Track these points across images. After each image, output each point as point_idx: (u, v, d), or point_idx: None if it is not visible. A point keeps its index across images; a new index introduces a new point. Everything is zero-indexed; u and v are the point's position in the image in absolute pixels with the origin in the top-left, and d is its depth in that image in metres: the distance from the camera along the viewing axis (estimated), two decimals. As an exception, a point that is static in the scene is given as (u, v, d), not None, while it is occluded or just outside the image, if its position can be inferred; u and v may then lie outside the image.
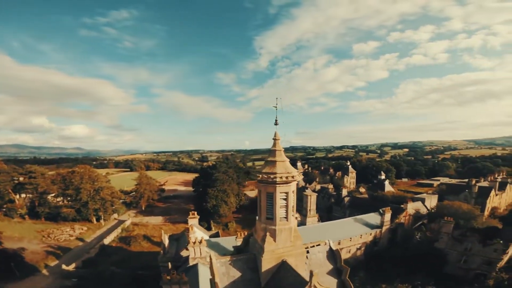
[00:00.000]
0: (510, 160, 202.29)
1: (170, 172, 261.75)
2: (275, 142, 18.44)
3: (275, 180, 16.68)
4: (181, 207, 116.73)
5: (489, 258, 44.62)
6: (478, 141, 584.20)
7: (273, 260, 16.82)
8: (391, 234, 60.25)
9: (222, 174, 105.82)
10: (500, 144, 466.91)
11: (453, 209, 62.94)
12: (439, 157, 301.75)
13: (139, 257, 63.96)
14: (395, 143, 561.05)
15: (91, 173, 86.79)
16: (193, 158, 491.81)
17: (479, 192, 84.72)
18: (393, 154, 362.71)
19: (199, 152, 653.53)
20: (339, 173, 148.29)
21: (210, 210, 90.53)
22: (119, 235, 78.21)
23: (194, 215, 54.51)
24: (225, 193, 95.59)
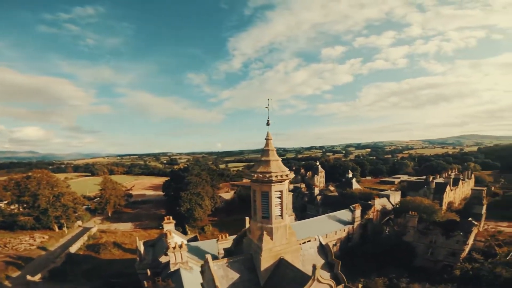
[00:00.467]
0: (460, 158, 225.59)
1: (136, 176, 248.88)
2: (267, 142, 18.58)
3: (270, 179, 16.76)
4: (151, 212, 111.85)
5: (453, 250, 49.29)
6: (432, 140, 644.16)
7: (271, 259, 16.85)
8: (362, 229, 63.65)
9: (195, 177, 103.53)
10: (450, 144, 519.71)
11: (416, 204, 68.38)
12: (398, 156, 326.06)
13: (111, 265, 60.53)
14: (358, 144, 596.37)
15: (49, 178, 79.43)
16: (161, 161, 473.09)
17: (436, 188, 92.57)
18: (357, 154, 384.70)
19: (167, 155, 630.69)
20: (309, 173, 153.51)
21: (184, 214, 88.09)
22: (86, 243, 73.21)
23: (170, 220, 52.63)
24: (199, 196, 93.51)
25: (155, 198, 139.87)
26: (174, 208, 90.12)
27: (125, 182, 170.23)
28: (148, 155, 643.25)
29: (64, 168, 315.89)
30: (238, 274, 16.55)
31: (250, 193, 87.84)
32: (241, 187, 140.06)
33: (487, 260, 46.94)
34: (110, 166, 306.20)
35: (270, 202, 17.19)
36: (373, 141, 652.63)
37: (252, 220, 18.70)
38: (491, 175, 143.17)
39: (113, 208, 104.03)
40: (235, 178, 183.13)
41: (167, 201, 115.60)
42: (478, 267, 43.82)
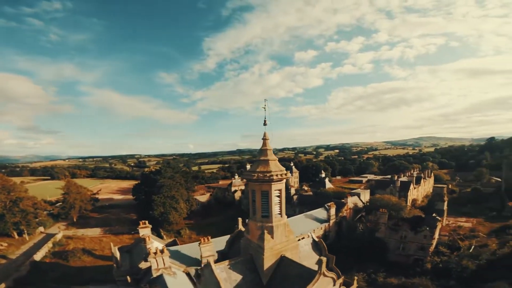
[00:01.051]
0: (419, 158, 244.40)
1: (102, 180, 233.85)
2: (265, 142, 18.76)
3: (271, 178, 16.96)
4: (121, 217, 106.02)
5: (422, 244, 53.25)
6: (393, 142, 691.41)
7: (273, 257, 17.01)
8: (337, 227, 66.36)
9: (169, 180, 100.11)
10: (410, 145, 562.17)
11: (384, 202, 72.87)
12: (363, 156, 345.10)
13: (83, 273, 56.77)
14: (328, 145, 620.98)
15: (5, 182, 71.92)
16: (128, 164, 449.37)
17: (401, 186, 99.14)
18: (326, 155, 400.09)
19: (135, 157, 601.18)
20: None
21: (158, 218, 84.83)
22: (51, 250, 67.98)
23: (146, 225, 50.51)
24: (173, 199, 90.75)
25: (124, 202, 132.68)
26: (146, 212, 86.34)
27: (90, 186, 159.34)
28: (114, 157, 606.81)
29: (20, 172, 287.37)
30: (241, 275, 16.49)
31: (226, 195, 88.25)
32: (217, 189, 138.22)
33: (453, 253, 51.56)
34: (71, 169, 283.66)
35: (270, 201, 17.35)
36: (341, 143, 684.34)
37: (251, 220, 18.71)
38: (447, 174, 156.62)
39: (78, 213, 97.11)
40: (210, 180, 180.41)
41: (138, 205, 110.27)
42: (446, 260, 47.99)
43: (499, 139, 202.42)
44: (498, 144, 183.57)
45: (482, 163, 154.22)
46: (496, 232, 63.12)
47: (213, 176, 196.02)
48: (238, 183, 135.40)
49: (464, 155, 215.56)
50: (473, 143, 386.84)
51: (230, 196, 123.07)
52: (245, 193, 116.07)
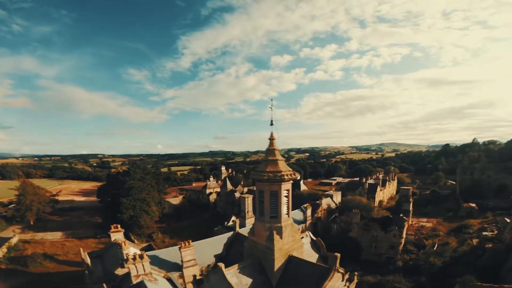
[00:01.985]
0: (382, 162, 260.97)
1: (61, 181, 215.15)
2: (272, 142, 18.77)
3: (282, 177, 16.99)
4: (84, 220, 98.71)
5: (392, 243, 56.78)
6: (358, 147, 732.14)
7: (282, 257, 16.95)
8: (313, 227, 68.30)
9: (139, 182, 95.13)
10: (374, 150, 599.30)
11: (356, 203, 76.58)
12: (332, 160, 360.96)
13: (46, 279, 52.21)
14: (298, 148, 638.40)
15: None
16: (90, 164, 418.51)
17: (369, 188, 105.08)
18: (297, 158, 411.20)
19: (98, 157, 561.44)
20: None
21: (128, 221, 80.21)
22: (6, 255, 61.78)
23: (118, 229, 47.66)
24: (144, 202, 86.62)
25: (87, 204, 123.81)
26: (113, 215, 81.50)
27: (48, 186, 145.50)
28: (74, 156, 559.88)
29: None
30: (251, 278, 16.18)
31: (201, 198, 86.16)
32: (191, 191, 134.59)
33: (419, 251, 55.73)
34: (26, 168, 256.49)
35: (279, 201, 17.32)
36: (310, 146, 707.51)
37: (258, 221, 18.43)
38: (408, 177, 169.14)
39: (36, 215, 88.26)
40: (183, 182, 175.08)
41: (103, 207, 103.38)
42: (415, 258, 51.69)
43: (453, 145, 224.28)
44: (453, 150, 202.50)
45: (438, 168, 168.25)
46: (454, 231, 68.98)
47: (186, 178, 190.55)
48: (213, 185, 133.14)
49: (421, 160, 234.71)
50: (429, 149, 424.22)
51: (204, 199, 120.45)
52: (221, 195, 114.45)
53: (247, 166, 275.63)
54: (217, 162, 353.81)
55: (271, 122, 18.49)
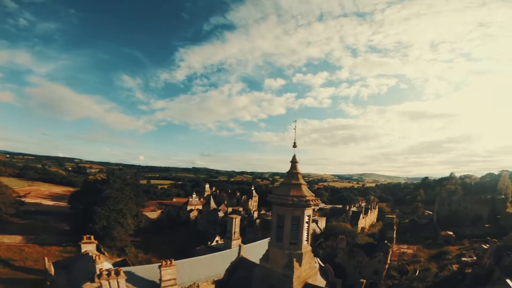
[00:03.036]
0: (363, 191, 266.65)
1: (31, 182, 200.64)
2: (295, 165, 18.44)
3: (308, 203, 16.40)
4: (49, 225, 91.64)
5: (376, 268, 55.88)
6: (341, 175, 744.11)
7: (299, 286, 15.84)
8: (297, 252, 66.20)
9: (117, 192, 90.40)
10: (355, 179, 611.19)
11: (341, 229, 76.08)
12: (315, 186, 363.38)
13: None
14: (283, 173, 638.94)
15: None
16: (65, 168, 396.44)
17: (352, 215, 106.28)
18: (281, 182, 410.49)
19: (74, 161, 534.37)
20: (244, 197, 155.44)
21: (99, 232, 74.86)
22: None
23: (91, 240, 44.37)
24: (120, 213, 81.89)
25: (55, 209, 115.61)
26: (85, 225, 76.08)
27: (16, 186, 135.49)
28: (49, 158, 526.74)
29: None
30: None
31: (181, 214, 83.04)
32: (170, 206, 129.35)
33: (402, 276, 55.18)
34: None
35: (301, 227, 16.63)
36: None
37: (274, 247, 17.27)
38: (388, 206, 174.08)
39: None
40: (163, 196, 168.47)
41: (73, 215, 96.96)
42: (398, 283, 50.92)
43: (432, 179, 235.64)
44: (431, 183, 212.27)
45: (417, 199, 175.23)
46: (434, 257, 70.02)
47: (167, 193, 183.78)
48: (196, 202, 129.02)
49: (400, 191, 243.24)
50: (407, 181, 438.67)
51: (184, 215, 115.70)
52: (203, 213, 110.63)
53: (231, 185, 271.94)
54: (200, 179, 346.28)
55: (294, 144, 18.20)
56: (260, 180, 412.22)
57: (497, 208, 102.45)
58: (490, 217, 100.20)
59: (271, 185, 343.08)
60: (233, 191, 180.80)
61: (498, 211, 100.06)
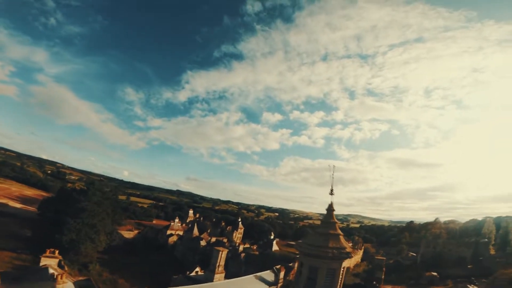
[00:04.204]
0: (348, 232, 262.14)
1: (3, 179, 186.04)
2: (331, 213, 16.89)
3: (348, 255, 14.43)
4: (9, 229, 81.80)
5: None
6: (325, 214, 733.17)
7: None
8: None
9: (94, 205, 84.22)
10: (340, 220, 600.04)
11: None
12: (300, 223, 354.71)
13: None
14: (269, 207, 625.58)
15: None
16: (44, 171, 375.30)
17: None
18: (267, 216, 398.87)
19: (56, 165, 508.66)
20: (229, 227, 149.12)
21: (65, 245, 68.06)
22: None
23: (55, 255, 39.51)
24: (93, 228, 75.70)
25: (21, 212, 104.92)
26: (51, 234, 70.51)
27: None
28: (31, 158, 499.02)
29: None
30: None
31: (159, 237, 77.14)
32: (149, 228, 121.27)
33: None
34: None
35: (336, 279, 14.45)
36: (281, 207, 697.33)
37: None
38: (373, 247, 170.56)
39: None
40: (143, 216, 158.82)
41: (40, 222, 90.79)
42: None
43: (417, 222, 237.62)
44: (415, 227, 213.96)
45: (402, 241, 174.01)
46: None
47: (147, 213, 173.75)
48: (177, 227, 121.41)
49: (384, 233, 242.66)
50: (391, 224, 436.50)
51: (163, 239, 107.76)
52: (184, 239, 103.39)
53: (215, 213, 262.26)
54: (183, 202, 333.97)
55: (331, 191, 16.44)
56: (246, 211, 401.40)
57: (480, 250, 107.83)
58: (473, 259, 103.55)
59: (256, 217, 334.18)
60: (218, 220, 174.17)
61: (481, 253, 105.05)
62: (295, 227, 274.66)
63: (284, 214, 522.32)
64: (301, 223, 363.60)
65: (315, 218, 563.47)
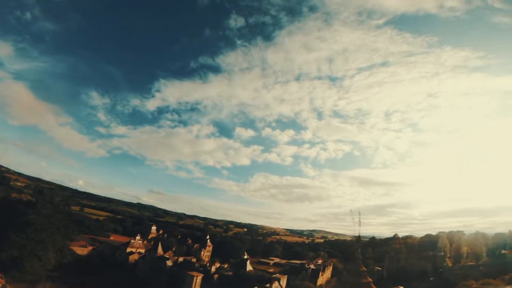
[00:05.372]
0: (313, 247, 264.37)
1: None
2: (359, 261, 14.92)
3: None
4: None
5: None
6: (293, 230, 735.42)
7: None
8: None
9: (44, 218, 74.24)
10: (305, 235, 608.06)
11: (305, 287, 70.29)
12: (268, 239, 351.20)
13: None
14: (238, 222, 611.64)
15: None
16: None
17: (312, 272, 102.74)
18: (236, 231, 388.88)
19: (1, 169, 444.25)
20: (197, 245, 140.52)
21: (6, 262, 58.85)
22: None
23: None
24: (41, 244, 67.33)
25: None
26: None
27: None
28: None
29: None
30: None
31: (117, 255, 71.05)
32: (105, 244, 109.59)
33: None
34: None
35: None
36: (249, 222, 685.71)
37: None
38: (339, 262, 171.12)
39: None
40: (98, 231, 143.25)
41: None
42: None
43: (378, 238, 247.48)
44: (377, 242, 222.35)
45: (366, 256, 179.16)
46: None
47: (103, 227, 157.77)
48: (138, 244, 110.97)
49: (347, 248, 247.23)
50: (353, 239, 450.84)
51: (121, 257, 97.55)
52: (147, 259, 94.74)
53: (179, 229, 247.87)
54: (144, 216, 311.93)
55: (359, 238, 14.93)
56: (213, 227, 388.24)
57: (438, 263, 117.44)
58: (434, 272, 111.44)
59: (224, 233, 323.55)
60: (184, 237, 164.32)
61: (439, 265, 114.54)
62: (264, 243, 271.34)
63: (253, 229, 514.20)
64: (269, 239, 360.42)
65: (282, 234, 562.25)
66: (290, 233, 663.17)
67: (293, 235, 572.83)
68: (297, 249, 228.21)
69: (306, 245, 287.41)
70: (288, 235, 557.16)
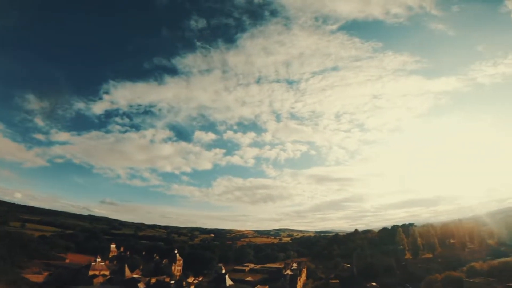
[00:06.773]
0: (282, 247, 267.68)
1: None
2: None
3: None
4: None
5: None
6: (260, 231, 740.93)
7: None
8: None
9: None
10: (272, 234, 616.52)
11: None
12: (238, 243, 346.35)
13: None
14: (204, 228, 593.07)
15: None
16: None
17: (290, 279, 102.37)
18: (202, 238, 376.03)
19: None
20: (165, 260, 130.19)
21: None
22: None
23: None
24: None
25: None
26: None
27: None
28: None
29: None
30: None
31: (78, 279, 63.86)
32: (62, 268, 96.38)
33: None
34: None
35: None
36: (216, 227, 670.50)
37: None
38: (310, 262, 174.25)
39: None
40: (49, 252, 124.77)
41: None
42: None
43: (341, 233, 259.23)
44: (341, 238, 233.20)
45: (333, 253, 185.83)
46: None
47: (54, 246, 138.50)
48: (100, 266, 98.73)
49: (315, 246, 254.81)
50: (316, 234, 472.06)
51: (84, 281, 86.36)
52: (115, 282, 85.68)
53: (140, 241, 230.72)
54: (97, 230, 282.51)
55: None
56: (177, 235, 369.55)
57: (399, 256, 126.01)
58: (397, 265, 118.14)
59: (191, 241, 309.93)
60: (148, 252, 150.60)
61: (401, 259, 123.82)
62: (234, 247, 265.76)
63: (220, 234, 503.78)
64: (239, 243, 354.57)
65: (250, 236, 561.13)
66: (258, 234, 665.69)
67: (261, 236, 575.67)
68: (267, 251, 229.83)
69: (275, 245, 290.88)
70: (257, 237, 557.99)
